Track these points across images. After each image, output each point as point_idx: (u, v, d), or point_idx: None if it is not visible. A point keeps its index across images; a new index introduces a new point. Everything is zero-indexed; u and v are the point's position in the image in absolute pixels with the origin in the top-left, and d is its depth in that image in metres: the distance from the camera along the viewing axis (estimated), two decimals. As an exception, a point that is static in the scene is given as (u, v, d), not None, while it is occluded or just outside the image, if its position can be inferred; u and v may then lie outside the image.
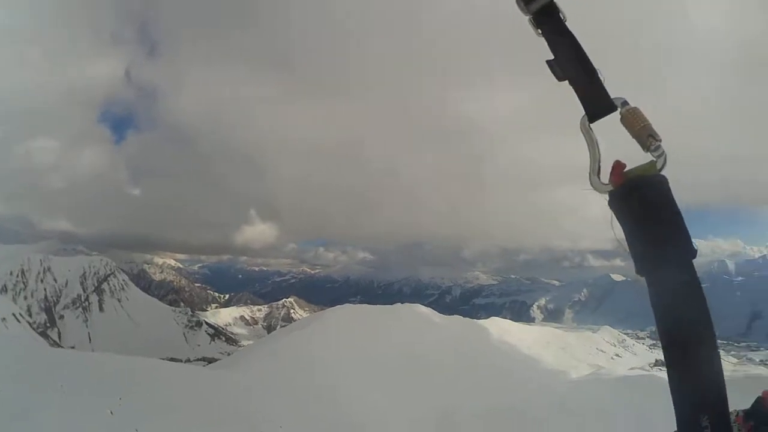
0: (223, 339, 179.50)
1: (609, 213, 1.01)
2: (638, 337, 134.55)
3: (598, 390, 24.11)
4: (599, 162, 1.03)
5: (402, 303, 38.41)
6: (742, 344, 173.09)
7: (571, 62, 1.05)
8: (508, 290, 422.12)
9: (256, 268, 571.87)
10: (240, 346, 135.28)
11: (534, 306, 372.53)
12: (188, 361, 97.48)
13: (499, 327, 40.62)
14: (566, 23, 1.06)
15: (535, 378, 26.41)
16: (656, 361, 72.30)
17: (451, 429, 19.71)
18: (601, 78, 1.04)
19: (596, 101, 1.04)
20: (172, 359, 69.11)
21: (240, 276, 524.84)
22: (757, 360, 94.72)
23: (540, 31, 1.07)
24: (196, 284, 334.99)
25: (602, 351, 69.38)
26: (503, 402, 21.91)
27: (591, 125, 1.05)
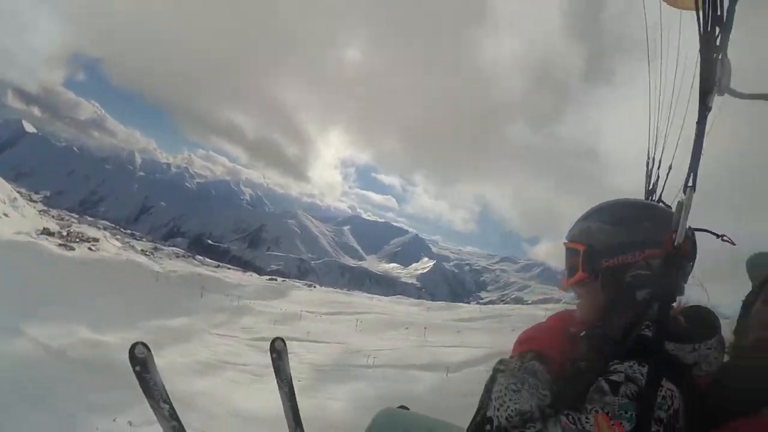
0: None
1: None
2: (31, 200, 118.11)
3: None
4: None
5: None
6: (128, 231, 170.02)
7: None
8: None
9: None
10: None
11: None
12: None
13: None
14: None
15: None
16: (44, 229, 60.25)
17: None
18: None
19: None
20: None
21: None
22: (138, 249, 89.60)
23: None
24: None
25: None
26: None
27: None
